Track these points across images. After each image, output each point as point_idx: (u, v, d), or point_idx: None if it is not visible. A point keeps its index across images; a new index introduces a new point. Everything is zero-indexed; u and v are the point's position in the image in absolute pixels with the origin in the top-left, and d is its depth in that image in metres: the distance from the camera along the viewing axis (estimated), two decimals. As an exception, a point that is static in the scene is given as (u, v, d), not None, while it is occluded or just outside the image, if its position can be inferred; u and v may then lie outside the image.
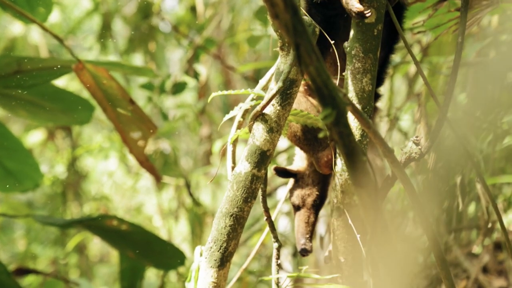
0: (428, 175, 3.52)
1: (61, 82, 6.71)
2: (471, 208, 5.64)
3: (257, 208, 6.23)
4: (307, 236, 2.90)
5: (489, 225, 4.09)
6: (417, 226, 5.77)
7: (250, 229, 5.03)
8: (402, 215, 5.40)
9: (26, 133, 7.17)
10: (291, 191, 3.03)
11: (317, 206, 2.98)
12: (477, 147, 4.56)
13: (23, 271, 4.76)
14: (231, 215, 2.42)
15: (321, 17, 2.58)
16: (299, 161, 3.04)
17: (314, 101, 2.82)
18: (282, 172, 3.03)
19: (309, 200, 2.95)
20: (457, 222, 5.38)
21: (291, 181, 3.09)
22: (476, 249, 4.85)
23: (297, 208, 2.98)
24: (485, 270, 4.53)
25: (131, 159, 7.02)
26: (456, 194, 3.51)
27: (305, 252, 2.85)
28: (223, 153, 2.72)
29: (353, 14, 2.42)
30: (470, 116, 4.10)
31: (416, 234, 5.99)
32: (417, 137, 2.41)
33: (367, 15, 2.40)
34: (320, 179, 2.99)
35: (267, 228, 2.91)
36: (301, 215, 2.96)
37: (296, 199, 2.99)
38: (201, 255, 2.69)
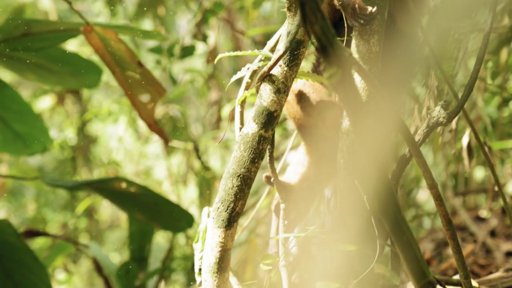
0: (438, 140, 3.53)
1: (71, 47, 6.71)
2: (480, 172, 5.64)
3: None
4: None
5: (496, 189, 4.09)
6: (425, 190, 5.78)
7: (258, 193, 5.04)
8: (415, 183, 5.41)
9: (35, 99, 7.18)
10: (276, 201, 3.08)
11: (296, 221, 3.01)
12: (485, 111, 4.55)
13: (33, 233, 4.79)
14: (238, 176, 2.43)
15: None
16: (292, 174, 3.04)
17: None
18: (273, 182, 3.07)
19: (291, 215, 2.97)
20: (464, 186, 5.39)
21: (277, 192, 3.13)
22: (484, 213, 4.86)
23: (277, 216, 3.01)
24: (492, 234, 4.54)
25: (141, 125, 7.03)
26: (463, 158, 3.51)
27: None
28: (232, 117, 2.73)
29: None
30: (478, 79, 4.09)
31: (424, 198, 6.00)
32: (445, 101, 2.41)
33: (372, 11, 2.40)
34: (307, 198, 3.01)
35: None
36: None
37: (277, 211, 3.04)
38: (208, 216, 2.71)
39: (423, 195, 6.12)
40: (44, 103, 7.25)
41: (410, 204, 5.57)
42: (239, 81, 2.74)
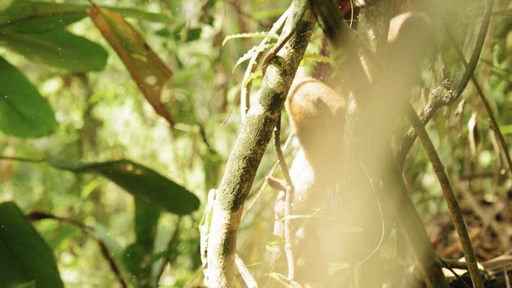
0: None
1: (77, 30, 6.71)
2: (485, 157, 5.64)
3: (271, 158, 6.25)
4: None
5: (502, 172, 4.08)
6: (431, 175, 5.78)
7: (263, 176, 5.04)
8: (420, 167, 5.41)
9: (41, 82, 7.18)
10: (279, 202, 3.09)
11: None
12: (491, 95, 4.55)
13: (39, 216, 4.81)
14: (244, 158, 2.43)
15: None
16: (293, 178, 3.05)
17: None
18: (276, 184, 3.08)
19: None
20: (470, 171, 5.39)
21: (280, 193, 3.14)
22: (490, 197, 4.86)
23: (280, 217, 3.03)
24: (498, 218, 4.54)
25: (146, 109, 7.03)
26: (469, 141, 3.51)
27: None
28: (238, 100, 2.73)
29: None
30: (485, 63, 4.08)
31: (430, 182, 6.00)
32: (448, 80, 2.40)
33: None
34: (307, 200, 3.02)
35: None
36: (282, 225, 3.02)
37: (282, 212, 3.05)
38: (214, 198, 2.71)
39: (429, 180, 6.12)
40: (50, 87, 7.25)
41: (416, 188, 5.57)
42: (245, 66, 2.74)
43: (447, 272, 2.73)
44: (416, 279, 2.93)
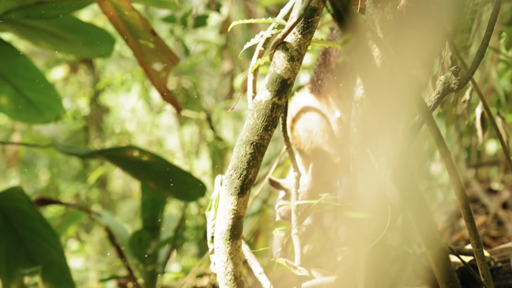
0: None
1: (84, 17, 6.71)
2: (492, 145, 5.63)
3: (277, 145, 6.25)
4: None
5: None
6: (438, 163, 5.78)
7: (270, 164, 5.04)
8: (427, 155, 5.40)
9: (48, 69, 7.19)
10: (279, 201, 3.12)
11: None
12: (499, 84, 4.54)
13: (46, 201, 4.82)
14: (252, 143, 2.43)
15: None
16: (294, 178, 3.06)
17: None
18: (276, 184, 3.10)
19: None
20: (477, 159, 5.39)
21: (281, 193, 3.16)
22: (496, 185, 4.86)
23: (282, 218, 3.05)
24: (504, 206, 4.54)
25: (153, 97, 7.03)
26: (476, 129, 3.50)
27: None
28: (245, 86, 2.73)
29: None
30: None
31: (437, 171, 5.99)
32: (456, 67, 2.40)
33: None
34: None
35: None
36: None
37: (282, 211, 3.08)
38: (221, 184, 2.72)
39: (436, 168, 6.11)
40: (56, 73, 7.26)
41: (423, 176, 5.56)
42: (251, 53, 2.74)
43: (453, 259, 2.74)
44: (422, 265, 2.93)
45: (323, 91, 3.04)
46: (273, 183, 3.16)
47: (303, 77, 5.01)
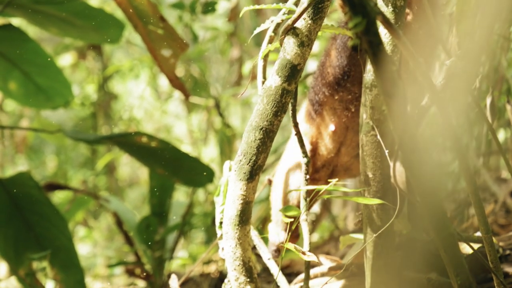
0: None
1: (94, 2, 6.71)
2: (501, 134, 5.62)
3: (285, 133, 6.26)
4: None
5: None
6: (447, 152, 5.76)
7: (278, 151, 5.04)
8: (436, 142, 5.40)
9: (56, 55, 7.19)
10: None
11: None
12: (509, 72, 4.52)
13: (54, 187, 4.82)
14: (261, 129, 2.44)
15: None
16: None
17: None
18: None
19: None
20: (486, 147, 5.37)
21: None
22: (505, 174, 4.85)
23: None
24: (513, 194, 4.54)
25: (160, 84, 7.03)
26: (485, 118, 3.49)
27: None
28: (253, 73, 2.73)
29: None
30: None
31: (446, 160, 5.98)
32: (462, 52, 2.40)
33: None
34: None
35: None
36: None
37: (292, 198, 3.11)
38: (230, 169, 2.72)
39: (445, 157, 6.10)
40: (65, 60, 7.27)
41: (434, 164, 5.54)
42: (260, 40, 2.74)
43: (461, 246, 2.74)
44: (430, 252, 2.93)
45: (319, 109, 3.05)
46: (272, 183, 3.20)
47: (312, 64, 5.01)
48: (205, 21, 6.75)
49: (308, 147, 3.08)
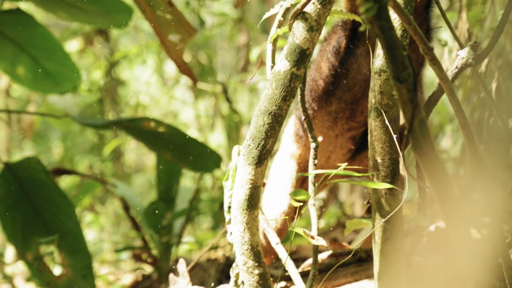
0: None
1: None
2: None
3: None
4: None
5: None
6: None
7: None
8: (439, 129, 5.39)
9: (63, 41, 7.19)
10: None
11: None
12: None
13: (62, 171, 4.84)
14: (270, 113, 2.44)
15: None
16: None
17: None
18: None
19: None
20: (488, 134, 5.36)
21: None
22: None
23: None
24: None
25: (166, 71, 7.02)
26: None
27: None
28: (261, 60, 2.72)
29: None
30: None
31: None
32: (475, 42, 2.40)
33: None
34: None
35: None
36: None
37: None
38: (238, 154, 2.72)
39: (447, 142, 6.11)
40: (72, 46, 7.27)
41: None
42: (267, 26, 2.74)
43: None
44: (438, 238, 2.94)
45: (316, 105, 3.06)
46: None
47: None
48: (212, 7, 6.75)
49: (294, 168, 3.11)
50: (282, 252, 2.60)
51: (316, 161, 2.63)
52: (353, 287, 2.93)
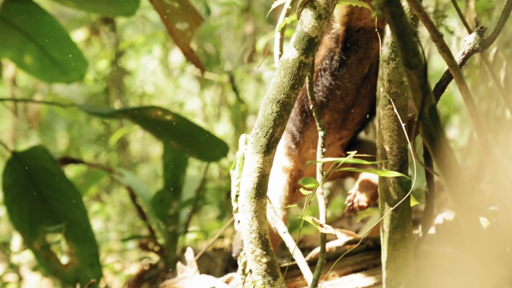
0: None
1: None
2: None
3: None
4: None
5: None
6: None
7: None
8: (446, 120, 5.38)
9: (70, 31, 7.18)
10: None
11: None
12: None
13: (68, 160, 4.84)
14: (278, 101, 2.44)
15: None
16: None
17: None
18: None
19: None
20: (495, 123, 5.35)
21: None
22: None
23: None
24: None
25: (172, 61, 7.01)
26: None
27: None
28: (267, 50, 2.72)
29: None
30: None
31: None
32: (481, 27, 2.39)
33: None
34: None
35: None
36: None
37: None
38: (246, 143, 2.72)
39: (454, 133, 6.11)
40: (78, 36, 7.27)
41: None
42: (274, 16, 2.73)
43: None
44: (445, 227, 2.94)
45: (299, 139, 3.05)
46: None
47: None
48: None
49: (287, 181, 3.09)
50: (289, 241, 2.60)
51: (324, 150, 2.63)
52: (360, 275, 2.93)
